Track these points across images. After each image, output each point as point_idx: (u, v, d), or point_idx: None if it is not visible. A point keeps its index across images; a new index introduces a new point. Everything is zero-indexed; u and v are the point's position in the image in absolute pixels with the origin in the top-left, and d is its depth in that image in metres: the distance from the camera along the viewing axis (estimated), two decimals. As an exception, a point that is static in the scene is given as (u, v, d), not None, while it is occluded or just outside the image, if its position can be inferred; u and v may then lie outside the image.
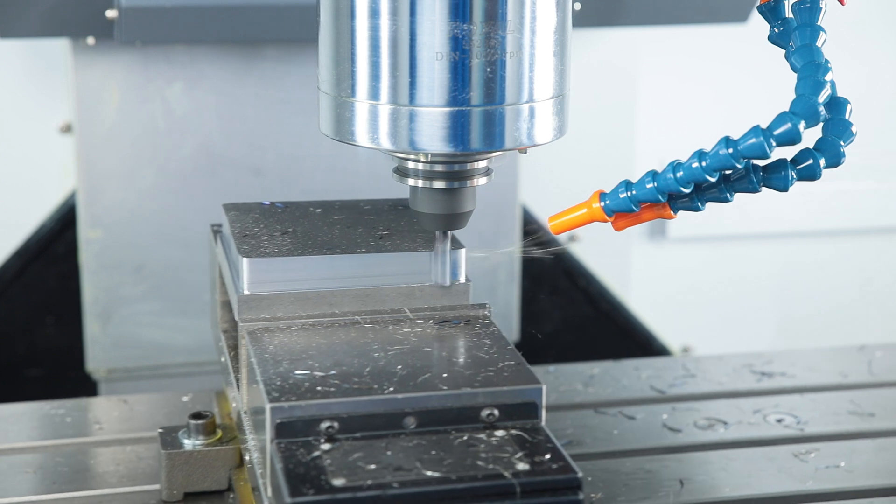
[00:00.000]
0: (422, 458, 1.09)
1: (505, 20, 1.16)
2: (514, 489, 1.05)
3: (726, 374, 1.77)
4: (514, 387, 1.15)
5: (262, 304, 1.28)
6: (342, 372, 1.17)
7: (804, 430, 1.60)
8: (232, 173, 2.03)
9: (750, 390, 1.72)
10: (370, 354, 1.21)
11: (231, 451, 1.38)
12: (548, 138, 1.23)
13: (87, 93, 1.96)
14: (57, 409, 1.63)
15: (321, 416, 1.11)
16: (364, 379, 1.16)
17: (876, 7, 2.43)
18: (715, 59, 2.40)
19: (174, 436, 1.39)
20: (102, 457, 1.50)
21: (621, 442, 1.56)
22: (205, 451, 1.37)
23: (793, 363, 1.81)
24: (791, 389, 1.73)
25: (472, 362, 1.20)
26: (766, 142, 1.13)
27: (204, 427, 1.38)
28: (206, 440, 1.38)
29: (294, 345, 1.23)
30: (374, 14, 1.17)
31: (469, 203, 1.29)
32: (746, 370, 1.79)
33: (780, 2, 1.26)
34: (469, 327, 1.29)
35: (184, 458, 1.37)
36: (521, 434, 1.13)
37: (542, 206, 2.31)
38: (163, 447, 1.37)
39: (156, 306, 2.06)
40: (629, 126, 2.37)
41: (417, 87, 1.17)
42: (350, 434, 1.12)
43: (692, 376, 1.76)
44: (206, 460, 1.37)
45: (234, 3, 1.82)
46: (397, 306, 1.31)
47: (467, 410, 1.14)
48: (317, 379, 1.15)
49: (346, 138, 1.22)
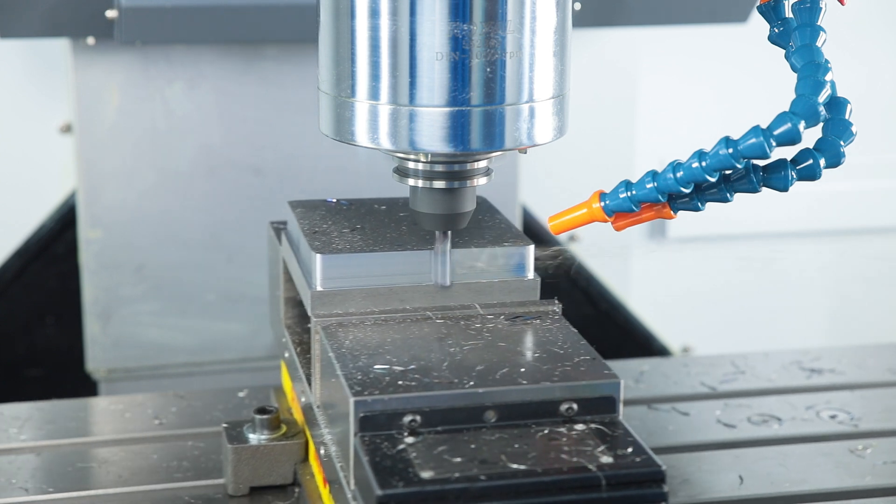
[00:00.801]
0: (506, 452, 1.09)
1: (505, 20, 1.16)
2: (599, 482, 1.06)
3: (775, 371, 1.78)
4: (592, 381, 1.16)
5: (334, 300, 1.29)
6: (420, 366, 1.18)
7: (858, 427, 1.60)
8: (232, 173, 2.03)
9: (801, 387, 1.73)
10: (446, 349, 1.22)
11: (296, 446, 1.39)
12: (548, 138, 1.23)
13: (87, 93, 1.96)
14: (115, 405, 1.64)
15: (404, 409, 1.12)
16: (443, 373, 1.16)
17: (876, 7, 2.43)
18: (715, 59, 2.40)
19: (239, 430, 1.40)
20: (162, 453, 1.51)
21: (677, 437, 1.56)
22: (271, 445, 1.38)
23: (838, 360, 1.82)
24: (841, 386, 1.73)
25: (547, 357, 1.21)
26: (766, 142, 1.13)
27: (269, 422, 1.39)
28: (272, 435, 1.39)
29: (369, 340, 1.24)
30: (374, 14, 1.17)
31: (469, 203, 1.29)
32: (795, 367, 1.79)
33: (780, 2, 1.26)
34: (541, 322, 1.30)
35: (250, 452, 1.38)
36: (601, 427, 1.14)
37: (542, 206, 2.31)
38: (228, 441, 1.38)
39: (156, 306, 2.06)
40: (629, 126, 2.37)
41: (417, 87, 1.17)
42: (432, 428, 1.12)
43: (742, 373, 1.76)
44: (272, 455, 1.38)
45: (234, 3, 1.82)
46: (467, 302, 1.32)
47: (547, 404, 1.14)
48: (396, 373, 1.16)
49: (346, 138, 1.22)
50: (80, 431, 1.58)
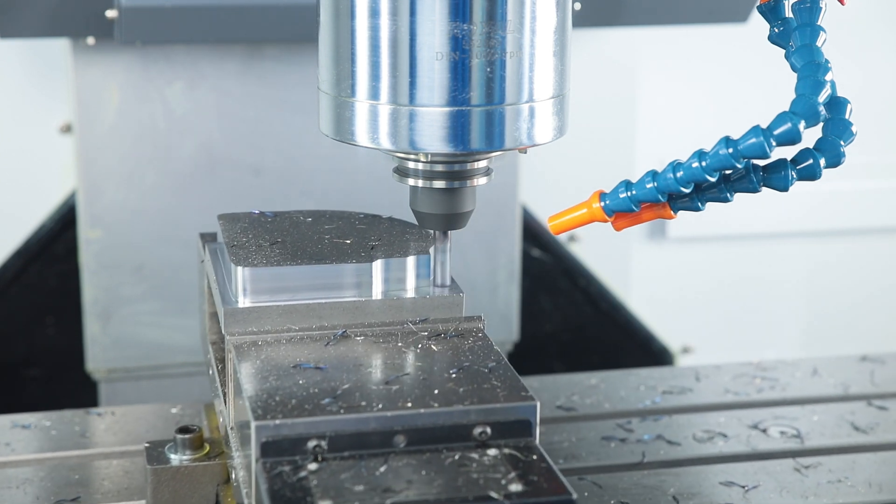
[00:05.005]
0: (412, 479, 1.06)
1: (505, 20, 1.16)
2: None
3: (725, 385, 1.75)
4: (507, 404, 1.12)
5: (249, 317, 1.25)
6: (331, 388, 1.14)
7: (804, 444, 1.57)
8: (232, 173, 2.03)
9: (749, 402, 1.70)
10: (361, 370, 1.18)
11: (218, 467, 1.34)
12: (548, 138, 1.23)
13: (87, 93, 1.96)
14: (43, 421, 1.59)
15: (308, 434, 1.08)
16: (353, 396, 1.13)
17: (876, 7, 2.43)
18: (715, 59, 2.40)
19: (160, 450, 1.35)
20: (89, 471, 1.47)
21: (619, 455, 1.53)
22: (192, 466, 1.33)
23: (792, 374, 1.79)
24: (791, 401, 1.70)
25: (465, 377, 1.17)
26: (766, 142, 1.13)
27: (191, 441, 1.34)
28: (194, 455, 1.34)
29: (282, 359, 1.20)
30: (374, 14, 1.17)
31: (469, 203, 1.28)
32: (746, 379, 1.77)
33: (780, 2, 1.26)
34: (462, 340, 1.25)
35: (170, 473, 1.33)
36: (514, 453, 1.10)
37: (542, 205, 2.31)
38: (149, 462, 1.34)
39: (156, 306, 2.06)
40: (629, 126, 2.37)
41: (417, 87, 1.17)
42: (338, 453, 1.09)
43: (689, 390, 1.73)
44: (192, 476, 1.33)
45: (234, 3, 1.82)
46: (388, 319, 1.28)
47: (459, 428, 1.11)
48: (304, 396, 1.12)
49: (346, 138, 1.22)
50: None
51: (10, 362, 2.21)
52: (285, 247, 1.32)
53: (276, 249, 1.31)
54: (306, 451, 1.08)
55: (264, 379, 1.16)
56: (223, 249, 1.37)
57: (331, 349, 1.23)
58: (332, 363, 1.20)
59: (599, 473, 1.48)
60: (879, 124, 2.48)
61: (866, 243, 2.57)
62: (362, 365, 1.20)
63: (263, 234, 1.36)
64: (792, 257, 2.55)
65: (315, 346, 1.23)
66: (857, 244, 2.56)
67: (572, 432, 1.59)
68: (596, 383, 1.75)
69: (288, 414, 1.09)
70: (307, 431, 1.08)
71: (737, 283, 2.54)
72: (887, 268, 2.60)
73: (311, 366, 1.19)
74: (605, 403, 1.68)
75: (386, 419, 1.10)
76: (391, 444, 1.10)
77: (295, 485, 1.05)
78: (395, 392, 1.14)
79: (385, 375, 1.17)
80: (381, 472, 1.07)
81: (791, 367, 1.81)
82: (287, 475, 1.06)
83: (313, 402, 1.11)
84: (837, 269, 2.58)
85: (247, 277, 1.26)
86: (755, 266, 2.54)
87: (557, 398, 1.69)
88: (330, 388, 1.14)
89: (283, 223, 1.40)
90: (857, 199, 2.51)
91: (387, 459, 1.09)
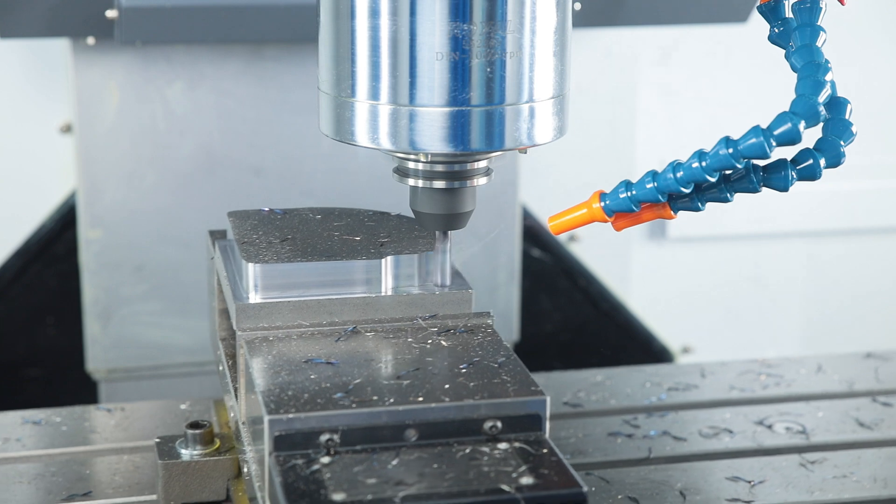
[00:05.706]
0: (423, 472, 1.07)
1: (505, 20, 1.16)
2: None
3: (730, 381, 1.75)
4: (517, 398, 1.13)
5: (260, 313, 1.26)
6: (342, 383, 1.15)
7: (810, 440, 1.58)
8: (232, 173, 2.03)
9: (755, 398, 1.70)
10: (371, 365, 1.20)
11: (229, 462, 1.36)
12: (548, 138, 1.23)
13: (87, 93, 1.96)
14: (53, 417, 1.60)
15: (321, 428, 1.09)
16: (365, 390, 1.14)
17: (875, 7, 2.43)
18: (715, 59, 2.40)
19: (171, 446, 1.37)
20: (99, 466, 1.48)
21: (626, 451, 1.54)
22: (202, 461, 1.35)
23: (797, 371, 1.80)
24: (797, 397, 1.71)
25: (475, 373, 1.18)
26: (766, 142, 1.13)
27: (201, 437, 1.36)
28: (204, 450, 1.36)
29: (293, 355, 1.22)
30: (374, 14, 1.17)
31: (469, 203, 1.28)
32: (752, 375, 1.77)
33: (780, 2, 1.26)
34: (472, 336, 1.27)
35: (181, 468, 1.34)
36: (525, 447, 1.11)
37: (542, 205, 2.31)
38: (160, 457, 1.35)
39: (156, 306, 2.06)
40: (629, 126, 2.37)
41: (417, 87, 1.17)
42: (350, 447, 1.10)
43: (695, 387, 1.74)
44: (203, 471, 1.35)
45: (234, 3, 1.82)
46: (398, 315, 1.29)
47: (470, 422, 1.12)
48: (316, 390, 1.14)
49: (346, 138, 1.22)
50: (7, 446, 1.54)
51: (10, 362, 2.21)
52: (295, 243, 1.34)
53: (287, 246, 1.33)
54: (319, 444, 1.09)
55: (276, 374, 1.17)
56: (233, 246, 1.38)
57: (341, 344, 1.24)
58: (343, 358, 1.21)
59: (607, 468, 1.49)
60: (879, 124, 2.48)
61: (866, 243, 2.57)
62: (373, 360, 1.21)
63: (273, 231, 1.38)
64: (792, 257, 2.55)
65: (326, 342, 1.25)
66: (857, 244, 2.56)
67: (579, 428, 1.60)
68: (602, 380, 1.76)
69: (300, 408, 1.10)
70: (319, 425, 1.09)
71: (737, 283, 2.54)
72: (887, 268, 2.60)
73: (323, 361, 1.20)
74: (611, 400, 1.69)
75: (397, 413, 1.11)
76: (403, 438, 1.11)
77: (308, 478, 1.06)
78: (406, 387, 1.15)
79: (396, 370, 1.19)
80: (393, 466, 1.08)
81: (796, 364, 1.82)
82: (300, 468, 1.07)
83: (325, 397, 1.12)
84: (837, 269, 2.58)
85: (258, 274, 1.27)
86: (755, 266, 2.54)
87: (564, 395, 1.70)
88: (342, 383, 1.15)
89: (292, 220, 1.42)
90: (857, 199, 2.51)
91: (398, 453, 1.10)
